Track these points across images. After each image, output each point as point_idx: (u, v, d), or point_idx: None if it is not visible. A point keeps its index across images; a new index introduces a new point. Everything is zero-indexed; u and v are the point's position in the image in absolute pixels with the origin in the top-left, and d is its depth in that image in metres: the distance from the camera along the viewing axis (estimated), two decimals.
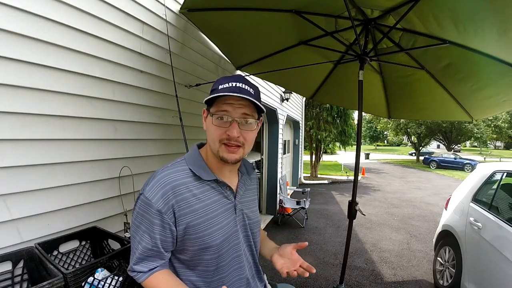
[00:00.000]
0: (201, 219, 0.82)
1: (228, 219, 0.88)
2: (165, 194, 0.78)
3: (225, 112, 0.80)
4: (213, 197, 0.85)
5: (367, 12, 1.81)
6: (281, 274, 0.95)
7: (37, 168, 1.19)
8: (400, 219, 6.00)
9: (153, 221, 0.78)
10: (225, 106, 0.79)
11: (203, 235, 0.82)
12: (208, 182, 0.85)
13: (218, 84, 0.82)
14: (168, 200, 0.78)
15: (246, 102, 0.80)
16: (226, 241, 0.87)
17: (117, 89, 1.59)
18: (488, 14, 1.41)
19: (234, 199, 0.91)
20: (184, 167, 0.85)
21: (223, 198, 0.88)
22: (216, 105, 0.81)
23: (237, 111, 0.80)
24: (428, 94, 2.62)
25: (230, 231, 0.88)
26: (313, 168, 11.94)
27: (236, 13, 1.88)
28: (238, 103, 0.80)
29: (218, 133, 0.81)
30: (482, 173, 2.97)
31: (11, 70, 1.08)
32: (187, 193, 0.81)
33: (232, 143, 0.81)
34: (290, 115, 7.32)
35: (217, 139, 0.81)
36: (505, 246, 2.11)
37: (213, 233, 0.83)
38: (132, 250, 0.84)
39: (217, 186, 0.87)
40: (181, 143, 1.87)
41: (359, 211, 1.86)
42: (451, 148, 22.94)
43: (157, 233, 0.79)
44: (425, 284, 3.29)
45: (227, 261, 0.89)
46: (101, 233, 1.38)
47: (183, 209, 0.80)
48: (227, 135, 0.80)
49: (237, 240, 0.91)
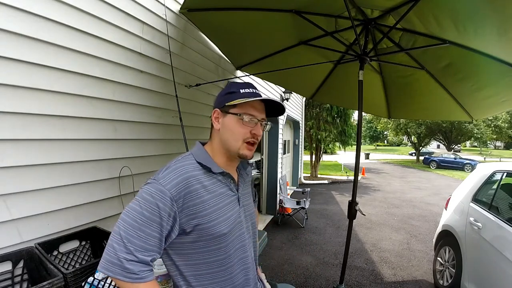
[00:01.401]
0: (210, 209, 0.85)
1: (233, 210, 0.92)
2: (179, 183, 0.80)
3: (252, 115, 0.89)
4: (220, 189, 0.89)
5: (367, 12, 1.81)
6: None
7: (37, 168, 1.19)
8: (400, 219, 6.00)
9: (163, 208, 0.77)
10: (252, 110, 0.89)
11: (213, 225, 0.85)
12: (215, 174, 0.90)
13: (237, 88, 0.91)
14: (181, 190, 0.80)
15: (264, 108, 0.93)
16: (233, 230, 0.90)
17: (117, 89, 1.59)
18: (488, 14, 1.41)
19: (237, 192, 0.96)
20: (192, 161, 0.89)
21: (228, 190, 0.92)
22: (242, 107, 0.89)
23: (261, 114, 0.92)
24: (428, 94, 2.62)
25: (235, 221, 0.92)
26: (313, 168, 11.94)
27: (236, 13, 1.88)
28: (261, 107, 0.92)
29: (243, 131, 0.89)
30: (482, 173, 2.97)
31: (11, 70, 1.08)
32: (198, 185, 0.84)
33: (255, 141, 0.91)
34: (290, 115, 7.32)
35: (241, 138, 0.89)
36: (505, 246, 2.11)
37: (221, 222, 0.86)
38: (126, 237, 0.74)
39: (223, 179, 0.92)
40: (181, 143, 1.87)
41: (359, 211, 1.87)
42: (451, 148, 22.94)
43: (165, 221, 0.78)
44: (425, 284, 3.29)
45: (233, 251, 0.92)
46: (101, 233, 1.38)
47: (194, 199, 0.82)
48: (253, 134, 0.89)
49: (241, 230, 0.95)
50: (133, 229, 0.75)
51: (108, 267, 0.74)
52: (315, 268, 3.57)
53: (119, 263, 0.73)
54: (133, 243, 0.75)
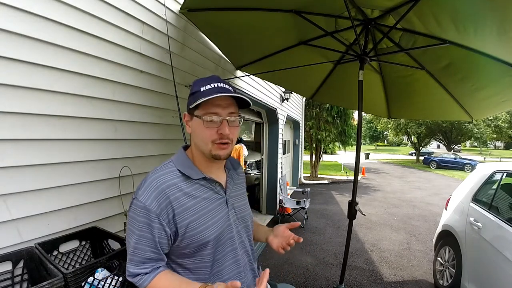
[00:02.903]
0: (195, 215, 0.84)
1: (221, 213, 0.90)
2: (158, 196, 0.80)
3: (215, 113, 0.82)
4: (203, 194, 0.87)
5: (367, 12, 1.81)
6: (277, 252, 1.04)
7: (37, 168, 1.19)
8: (400, 219, 6.00)
9: (150, 224, 0.79)
10: (214, 108, 0.82)
11: (199, 231, 0.84)
12: (197, 180, 0.87)
13: (198, 86, 0.84)
14: (161, 202, 0.80)
15: (231, 101, 0.85)
16: (221, 235, 0.89)
17: (117, 89, 1.59)
18: (488, 13, 1.41)
19: (225, 194, 0.93)
20: (172, 168, 0.86)
21: (214, 194, 0.90)
22: (204, 107, 0.82)
23: (225, 110, 0.83)
24: (428, 94, 2.62)
25: (224, 225, 0.90)
26: (313, 168, 11.94)
27: (236, 13, 1.88)
28: (225, 103, 0.83)
29: (209, 133, 0.83)
30: (482, 173, 2.97)
31: (11, 70, 1.08)
32: (178, 193, 0.83)
33: (224, 141, 0.84)
34: (290, 115, 7.32)
35: (209, 140, 0.84)
36: (505, 246, 2.11)
37: (207, 228, 0.85)
38: (129, 255, 0.83)
39: (207, 183, 0.89)
40: (181, 143, 1.86)
41: (359, 211, 1.87)
42: (451, 148, 22.93)
43: (156, 235, 0.80)
44: (425, 284, 3.29)
45: (223, 254, 0.91)
46: (101, 233, 1.38)
47: (176, 209, 0.81)
48: (219, 134, 0.83)
49: (231, 233, 0.93)
50: (134, 248, 0.81)
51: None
52: (315, 268, 3.57)
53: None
54: (132, 260, 0.82)
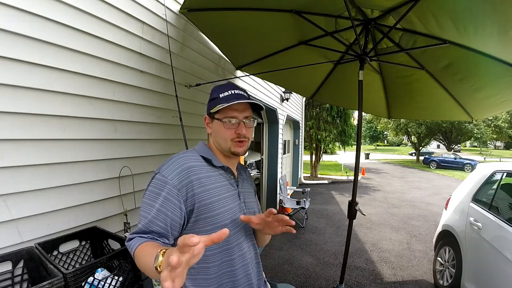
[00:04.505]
0: (213, 198, 0.89)
1: (234, 203, 0.96)
2: (181, 173, 0.86)
3: (233, 117, 0.95)
4: (221, 181, 0.95)
5: (367, 12, 1.81)
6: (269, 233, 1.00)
7: (37, 168, 1.19)
8: (400, 219, 6.00)
9: (167, 197, 0.82)
10: (232, 112, 0.94)
11: (214, 214, 0.88)
12: (217, 168, 0.96)
13: (217, 93, 0.96)
14: (183, 179, 0.85)
15: (247, 105, 0.98)
16: (233, 223, 0.93)
17: (117, 89, 1.59)
18: (488, 14, 1.41)
19: (237, 187, 1.00)
20: (195, 153, 0.96)
21: (229, 184, 0.98)
22: (223, 111, 0.94)
23: (242, 114, 0.96)
24: (428, 94, 2.62)
25: (236, 215, 0.95)
26: (313, 168, 11.94)
27: (236, 13, 1.88)
28: (241, 107, 0.96)
29: (229, 133, 0.95)
30: (482, 173, 2.97)
31: (11, 70, 1.08)
32: (201, 174, 0.89)
33: (242, 139, 0.96)
34: (290, 115, 7.32)
35: (229, 138, 0.95)
36: (505, 246, 2.11)
37: (223, 213, 0.90)
38: (137, 225, 0.84)
39: (224, 173, 0.98)
40: (181, 143, 1.87)
41: (359, 211, 1.86)
42: (451, 148, 22.93)
43: (169, 209, 0.82)
44: (425, 284, 3.29)
45: (232, 246, 0.93)
46: (101, 233, 1.38)
47: (197, 188, 0.87)
48: (237, 134, 0.95)
49: (241, 225, 0.97)
50: (144, 218, 0.83)
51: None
52: (315, 268, 3.57)
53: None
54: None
